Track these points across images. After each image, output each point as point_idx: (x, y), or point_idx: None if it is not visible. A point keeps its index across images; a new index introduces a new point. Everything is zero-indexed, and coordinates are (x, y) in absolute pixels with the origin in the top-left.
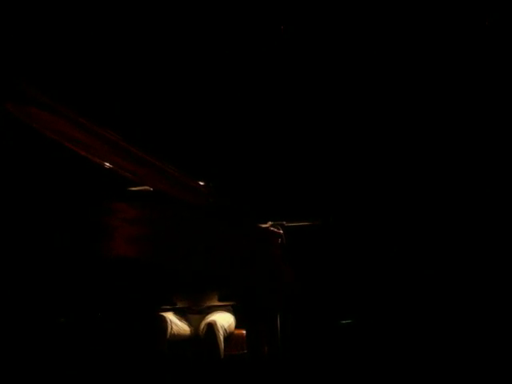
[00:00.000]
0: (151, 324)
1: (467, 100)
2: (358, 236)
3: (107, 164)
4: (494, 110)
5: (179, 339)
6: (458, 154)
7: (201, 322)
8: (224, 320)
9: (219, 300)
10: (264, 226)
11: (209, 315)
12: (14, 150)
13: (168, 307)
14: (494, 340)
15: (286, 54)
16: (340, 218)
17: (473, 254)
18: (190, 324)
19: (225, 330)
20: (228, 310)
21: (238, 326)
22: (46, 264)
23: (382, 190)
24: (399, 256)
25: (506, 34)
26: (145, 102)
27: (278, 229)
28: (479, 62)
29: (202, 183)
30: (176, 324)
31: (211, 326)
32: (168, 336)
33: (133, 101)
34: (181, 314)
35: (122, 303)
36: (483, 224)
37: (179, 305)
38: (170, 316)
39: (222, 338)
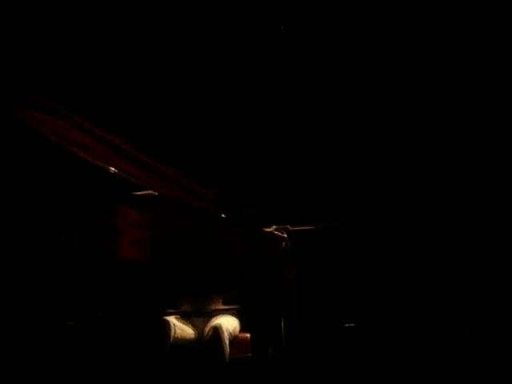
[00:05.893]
0: (154, 328)
1: (467, 100)
2: (360, 240)
3: (112, 169)
4: (493, 110)
5: (184, 343)
6: (457, 156)
7: (205, 325)
8: (229, 323)
9: (224, 304)
10: (268, 229)
11: (213, 319)
12: (20, 154)
13: (173, 310)
14: (494, 341)
15: (286, 54)
16: (342, 223)
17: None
18: (194, 327)
19: (230, 333)
20: (232, 314)
21: (241, 329)
22: (51, 266)
23: (384, 196)
24: (400, 260)
25: (506, 34)
26: (150, 106)
27: (282, 233)
28: (479, 62)
29: (206, 187)
30: (180, 328)
31: (217, 330)
32: (172, 340)
33: (139, 105)
34: (185, 317)
35: (125, 307)
36: (483, 226)
37: (184, 308)
38: (174, 320)
39: (227, 341)
